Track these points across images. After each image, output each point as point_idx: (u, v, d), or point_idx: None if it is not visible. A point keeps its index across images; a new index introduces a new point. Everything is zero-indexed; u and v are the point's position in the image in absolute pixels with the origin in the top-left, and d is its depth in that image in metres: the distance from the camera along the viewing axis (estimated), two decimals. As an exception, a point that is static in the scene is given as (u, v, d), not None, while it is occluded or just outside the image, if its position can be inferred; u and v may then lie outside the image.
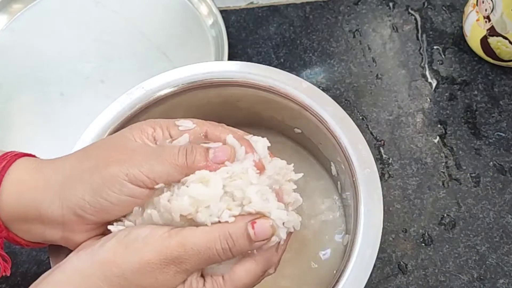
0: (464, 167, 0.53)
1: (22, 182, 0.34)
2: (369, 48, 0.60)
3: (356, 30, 0.61)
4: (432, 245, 0.49)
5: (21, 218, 0.34)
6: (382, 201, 0.39)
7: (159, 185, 0.33)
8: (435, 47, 0.59)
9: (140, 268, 0.31)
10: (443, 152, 0.53)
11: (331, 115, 0.43)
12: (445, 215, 0.51)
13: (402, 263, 0.49)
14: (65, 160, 0.35)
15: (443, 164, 0.53)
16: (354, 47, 0.60)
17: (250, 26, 0.62)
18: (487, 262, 0.48)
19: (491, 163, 0.53)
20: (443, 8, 0.62)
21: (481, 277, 0.48)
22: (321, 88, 0.53)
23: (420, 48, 0.59)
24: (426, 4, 0.62)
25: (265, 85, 0.44)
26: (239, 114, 0.49)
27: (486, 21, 0.54)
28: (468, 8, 0.57)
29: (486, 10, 0.53)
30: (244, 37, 0.61)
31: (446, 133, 0.54)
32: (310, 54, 0.60)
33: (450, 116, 0.55)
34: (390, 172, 0.53)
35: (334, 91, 0.57)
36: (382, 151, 0.54)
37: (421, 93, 0.57)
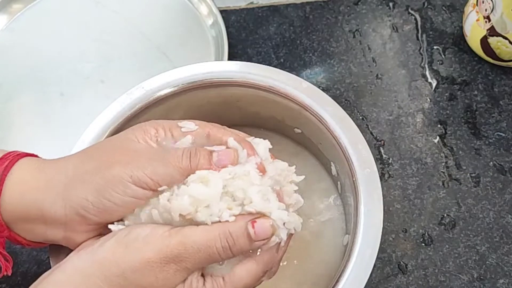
0: (464, 167, 0.53)
1: (25, 182, 0.34)
2: (369, 48, 0.60)
3: (356, 30, 0.61)
4: (432, 245, 0.49)
5: (23, 218, 0.34)
6: (382, 201, 0.39)
7: (162, 188, 0.33)
8: (435, 47, 0.59)
9: (140, 267, 0.31)
10: (443, 152, 0.53)
11: (331, 115, 0.43)
12: (445, 215, 0.51)
13: (402, 263, 0.49)
14: (68, 161, 0.35)
15: (443, 164, 0.53)
16: (354, 47, 0.60)
17: (250, 26, 0.62)
18: (487, 262, 0.48)
19: (491, 163, 0.53)
20: (443, 8, 0.62)
21: (481, 277, 0.48)
22: (321, 88, 0.53)
23: (420, 48, 0.59)
24: (426, 4, 0.62)
25: (265, 85, 0.44)
26: (239, 114, 0.49)
27: (486, 21, 0.54)
28: (468, 8, 0.57)
29: (486, 10, 0.53)
30: (244, 37, 0.61)
31: (446, 133, 0.54)
32: (310, 54, 0.60)
33: (450, 116, 0.55)
34: (390, 172, 0.53)
35: (334, 91, 0.57)
36: (382, 151, 0.54)
37: (421, 93, 0.57)
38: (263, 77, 0.44)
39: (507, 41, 0.53)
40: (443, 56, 0.59)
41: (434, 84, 0.57)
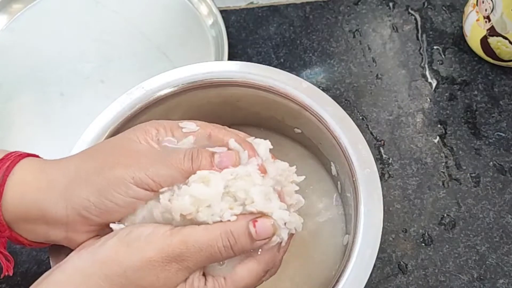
0: (464, 167, 0.53)
1: (26, 183, 0.34)
2: (369, 48, 0.60)
3: (356, 30, 0.61)
4: (432, 245, 0.49)
5: (25, 218, 0.34)
6: (382, 201, 0.39)
7: (164, 189, 0.33)
8: (435, 47, 0.59)
9: (142, 266, 0.31)
10: (443, 152, 0.53)
11: (331, 115, 0.43)
12: (445, 215, 0.51)
13: (402, 263, 0.49)
14: (69, 161, 0.35)
15: (443, 164, 0.53)
16: (354, 47, 0.60)
17: (250, 26, 0.62)
18: (487, 262, 0.48)
19: (491, 163, 0.53)
20: (443, 8, 0.62)
21: (481, 277, 0.48)
22: (321, 88, 0.53)
23: (420, 48, 0.59)
24: (426, 4, 0.62)
25: (265, 85, 0.44)
26: (239, 114, 0.49)
27: (486, 21, 0.54)
28: (468, 8, 0.57)
29: (486, 10, 0.53)
30: (244, 37, 0.61)
31: (446, 133, 0.54)
32: (310, 54, 0.60)
33: (450, 116, 0.55)
34: (390, 172, 0.53)
35: (334, 91, 0.57)
36: (382, 151, 0.54)
37: (421, 93, 0.57)
38: (263, 77, 0.44)
39: (507, 41, 0.53)
40: (443, 56, 0.59)
41: (434, 84, 0.57)
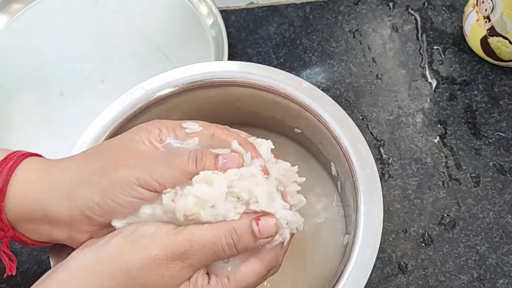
0: (464, 167, 0.53)
1: (29, 182, 0.34)
2: (369, 48, 0.60)
3: (356, 30, 0.61)
4: (432, 245, 0.49)
5: (28, 218, 0.34)
6: (382, 201, 0.39)
7: (167, 190, 0.33)
8: (435, 47, 0.59)
9: (147, 264, 0.31)
10: (443, 152, 0.53)
11: (331, 115, 0.43)
12: (445, 215, 0.51)
13: (402, 263, 0.49)
14: (72, 161, 0.36)
15: (443, 164, 0.53)
16: (354, 47, 0.60)
17: (250, 26, 0.62)
18: (487, 262, 0.48)
19: (491, 163, 0.53)
20: (443, 8, 0.62)
21: (481, 277, 0.48)
22: (321, 88, 0.53)
23: (420, 48, 0.59)
24: (426, 4, 0.62)
25: (265, 85, 0.44)
26: (239, 114, 0.49)
27: (486, 21, 0.54)
28: (468, 8, 0.57)
29: (486, 10, 0.53)
30: (244, 37, 0.61)
31: (446, 133, 0.54)
32: (310, 54, 0.60)
33: (450, 116, 0.55)
34: (390, 172, 0.53)
35: (334, 91, 0.57)
36: (382, 151, 0.54)
37: (421, 93, 0.57)
38: (263, 77, 0.44)
39: (507, 41, 0.53)
40: (443, 56, 0.59)
41: (434, 84, 0.57)
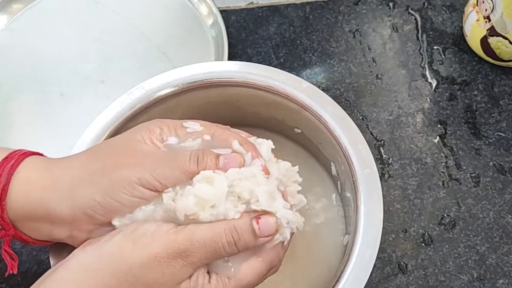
0: (464, 167, 0.53)
1: (30, 181, 0.34)
2: (369, 48, 0.60)
3: (356, 30, 0.61)
4: (432, 245, 0.49)
5: (29, 217, 0.34)
6: (382, 201, 0.39)
7: (169, 189, 0.33)
8: (435, 47, 0.59)
9: (148, 263, 0.31)
10: (443, 152, 0.53)
11: (331, 115, 0.43)
12: (445, 215, 0.51)
13: (402, 263, 0.49)
14: (74, 160, 0.36)
15: (443, 164, 0.53)
16: (354, 47, 0.60)
17: (250, 26, 0.62)
18: (487, 262, 0.48)
19: (491, 163, 0.53)
20: (443, 8, 0.62)
21: (481, 277, 0.48)
22: (321, 88, 0.53)
23: (420, 48, 0.59)
24: (426, 4, 0.62)
25: (265, 85, 0.44)
26: (239, 114, 0.49)
27: (486, 21, 0.54)
28: (468, 8, 0.57)
29: (486, 10, 0.53)
30: (244, 37, 0.61)
31: (446, 133, 0.54)
32: (310, 54, 0.60)
33: (450, 116, 0.55)
34: (390, 172, 0.53)
35: (334, 91, 0.57)
36: (382, 151, 0.54)
37: (421, 93, 0.57)
38: (263, 77, 0.44)
39: (507, 41, 0.53)
40: (443, 56, 0.59)
41: (434, 84, 0.57)
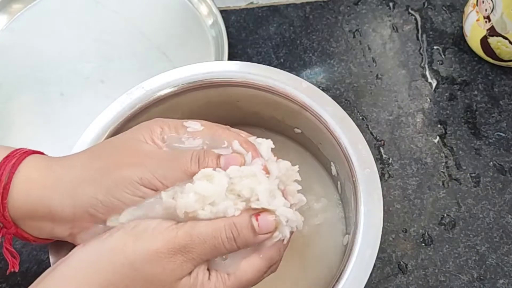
0: (464, 167, 0.53)
1: (32, 180, 0.34)
2: (369, 48, 0.60)
3: (356, 30, 0.61)
4: (432, 245, 0.49)
5: (31, 216, 0.34)
6: (382, 201, 0.39)
7: (169, 189, 0.34)
8: (435, 47, 0.59)
9: (149, 258, 0.31)
10: (443, 152, 0.53)
11: (331, 115, 0.43)
12: (445, 215, 0.51)
13: (402, 263, 0.49)
14: (76, 159, 0.36)
15: (443, 164, 0.53)
16: (354, 47, 0.60)
17: (250, 26, 0.62)
18: (487, 262, 0.48)
19: (491, 163, 0.53)
20: (443, 8, 0.62)
21: (481, 277, 0.48)
22: (321, 88, 0.53)
23: (420, 48, 0.59)
24: (426, 4, 0.62)
25: (265, 85, 0.44)
26: (239, 114, 0.49)
27: (486, 21, 0.54)
28: (468, 8, 0.57)
29: (486, 10, 0.53)
30: (244, 37, 0.61)
31: (446, 133, 0.54)
32: (310, 54, 0.60)
33: (450, 116, 0.55)
34: (390, 172, 0.53)
35: (334, 91, 0.57)
36: (382, 151, 0.54)
37: (421, 93, 0.57)
38: (263, 77, 0.44)
39: (507, 41, 0.53)
40: (443, 56, 0.59)
41: (434, 84, 0.57)
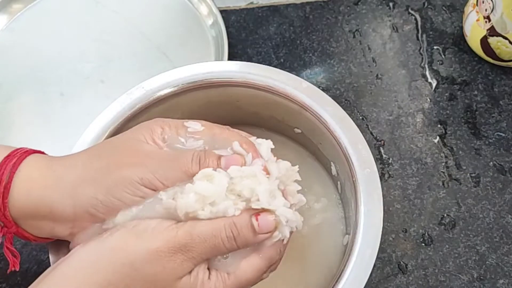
0: (464, 167, 0.53)
1: (33, 180, 0.34)
2: (369, 48, 0.60)
3: (356, 30, 0.61)
4: (432, 245, 0.49)
5: (31, 215, 0.34)
6: (382, 201, 0.39)
7: (169, 189, 0.34)
8: (435, 47, 0.59)
9: (149, 257, 0.31)
10: (443, 152, 0.53)
11: (331, 115, 0.43)
12: (445, 215, 0.51)
13: (402, 263, 0.49)
14: (76, 159, 0.36)
15: (443, 164, 0.53)
16: (354, 47, 0.60)
17: (250, 26, 0.62)
18: (487, 262, 0.48)
19: (491, 163, 0.53)
20: (443, 8, 0.62)
21: (481, 277, 0.48)
22: (321, 88, 0.53)
23: (420, 48, 0.59)
24: (426, 4, 0.62)
25: (265, 85, 0.44)
26: (239, 114, 0.49)
27: (486, 21, 0.54)
28: (468, 8, 0.57)
29: (486, 10, 0.53)
30: (244, 37, 0.61)
31: (446, 133, 0.54)
32: (310, 54, 0.60)
33: (450, 116, 0.55)
34: (390, 172, 0.53)
35: (334, 91, 0.57)
36: (382, 151, 0.54)
37: (421, 93, 0.57)
38: (263, 77, 0.44)
39: (507, 41, 0.53)
40: (443, 56, 0.59)
41: (434, 84, 0.57)
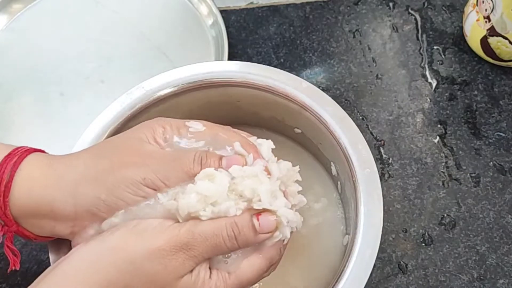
0: (464, 167, 0.53)
1: (33, 179, 0.34)
2: (369, 48, 0.60)
3: (356, 30, 0.61)
4: (432, 245, 0.49)
5: (32, 214, 0.35)
6: (382, 201, 0.39)
7: (170, 189, 0.34)
8: (435, 47, 0.59)
9: (151, 255, 0.32)
10: (443, 152, 0.53)
11: (331, 115, 0.43)
12: (445, 215, 0.51)
13: (402, 263, 0.49)
14: (78, 158, 0.36)
15: (443, 164, 0.53)
16: (354, 47, 0.60)
17: (250, 26, 0.62)
18: (487, 262, 0.48)
19: (491, 163, 0.53)
20: (443, 8, 0.62)
21: (481, 277, 0.48)
22: (321, 88, 0.53)
23: (420, 48, 0.59)
24: (426, 4, 0.62)
25: (265, 85, 0.44)
26: (239, 114, 0.49)
27: (486, 21, 0.54)
28: (468, 8, 0.57)
29: (486, 10, 0.53)
30: (244, 37, 0.61)
31: (446, 133, 0.54)
32: (310, 54, 0.60)
33: (450, 116, 0.55)
34: (390, 172, 0.53)
35: (334, 91, 0.57)
36: (382, 151, 0.54)
37: (421, 93, 0.57)
38: (263, 77, 0.44)
39: (507, 41, 0.53)
40: (443, 56, 0.59)
41: (434, 84, 0.57)
